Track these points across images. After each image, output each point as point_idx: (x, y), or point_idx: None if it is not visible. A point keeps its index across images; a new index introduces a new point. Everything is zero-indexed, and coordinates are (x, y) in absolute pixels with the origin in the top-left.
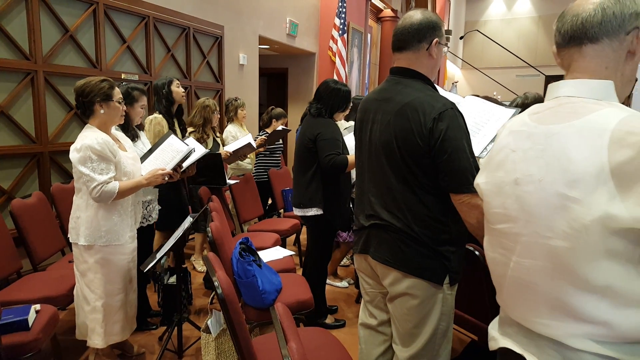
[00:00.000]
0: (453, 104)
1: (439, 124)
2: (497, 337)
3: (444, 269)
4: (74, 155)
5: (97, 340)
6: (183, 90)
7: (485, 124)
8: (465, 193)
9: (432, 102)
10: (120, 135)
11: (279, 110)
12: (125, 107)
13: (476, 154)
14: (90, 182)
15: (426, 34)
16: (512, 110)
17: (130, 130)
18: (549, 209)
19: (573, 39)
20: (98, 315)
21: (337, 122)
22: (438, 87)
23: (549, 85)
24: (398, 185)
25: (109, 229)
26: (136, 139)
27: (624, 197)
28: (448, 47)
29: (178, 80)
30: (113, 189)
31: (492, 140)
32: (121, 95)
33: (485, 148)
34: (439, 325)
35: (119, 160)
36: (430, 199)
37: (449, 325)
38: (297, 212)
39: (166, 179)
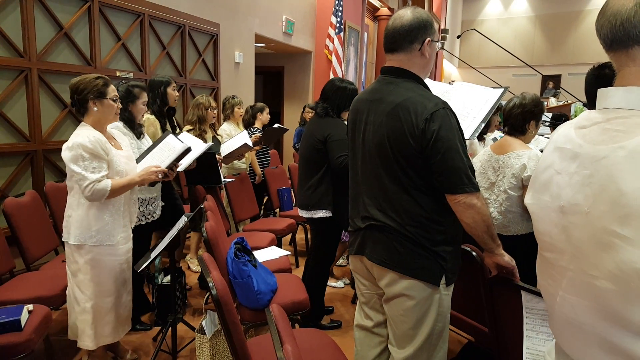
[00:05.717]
0: (445, 103)
1: (431, 124)
2: None
3: (440, 269)
4: (65, 153)
5: (87, 342)
6: (177, 94)
7: (473, 107)
8: (460, 193)
9: (424, 102)
10: (117, 133)
11: (259, 104)
12: (119, 105)
13: (466, 136)
14: (82, 181)
15: (417, 35)
16: (500, 90)
17: (136, 127)
18: (597, 245)
19: (616, 42)
20: (87, 316)
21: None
22: (427, 80)
23: (599, 91)
24: (392, 186)
25: (99, 229)
26: (142, 136)
27: None
28: (442, 44)
29: (175, 82)
30: (105, 187)
31: (482, 121)
32: (116, 93)
33: (476, 130)
34: (435, 325)
35: (111, 159)
36: (425, 199)
37: (445, 325)
38: (303, 214)
39: (160, 176)
